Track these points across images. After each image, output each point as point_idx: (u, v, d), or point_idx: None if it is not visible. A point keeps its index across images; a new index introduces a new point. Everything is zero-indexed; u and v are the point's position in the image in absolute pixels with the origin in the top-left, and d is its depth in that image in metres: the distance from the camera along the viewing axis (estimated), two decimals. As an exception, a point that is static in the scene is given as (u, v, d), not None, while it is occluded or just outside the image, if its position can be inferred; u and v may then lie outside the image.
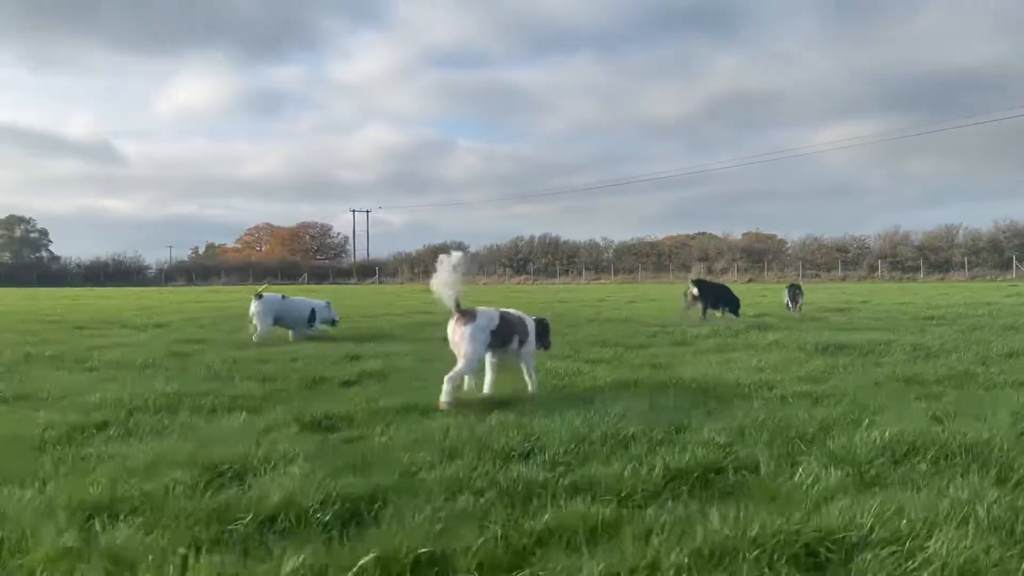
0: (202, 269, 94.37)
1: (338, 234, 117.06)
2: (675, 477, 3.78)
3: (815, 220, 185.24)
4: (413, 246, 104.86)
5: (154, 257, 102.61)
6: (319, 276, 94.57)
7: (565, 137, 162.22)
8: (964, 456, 4.13)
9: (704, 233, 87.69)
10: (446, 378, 5.83)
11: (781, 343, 10.29)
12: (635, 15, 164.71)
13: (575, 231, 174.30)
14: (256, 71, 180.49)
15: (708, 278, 16.58)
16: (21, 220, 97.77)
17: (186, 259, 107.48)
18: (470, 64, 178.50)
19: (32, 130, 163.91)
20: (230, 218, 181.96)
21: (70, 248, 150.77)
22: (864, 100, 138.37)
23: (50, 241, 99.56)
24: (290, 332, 11.53)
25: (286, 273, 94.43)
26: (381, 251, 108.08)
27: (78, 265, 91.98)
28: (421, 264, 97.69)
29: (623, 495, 3.52)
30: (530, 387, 6.40)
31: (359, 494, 3.47)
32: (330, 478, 3.65)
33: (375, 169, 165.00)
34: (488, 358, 6.42)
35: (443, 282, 6.09)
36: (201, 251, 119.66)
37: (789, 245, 78.39)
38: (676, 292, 34.36)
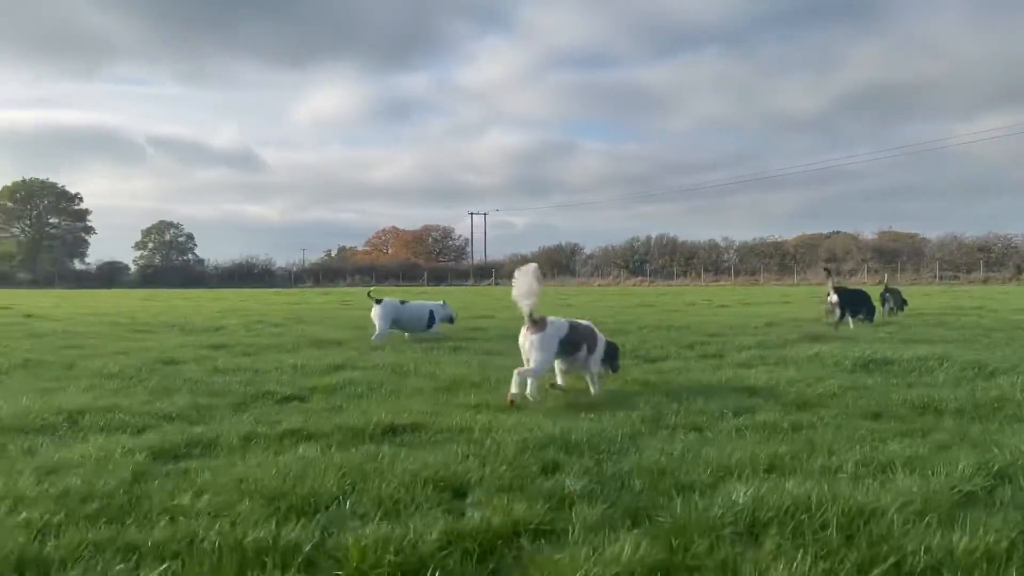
0: (328, 271, 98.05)
1: (459, 236, 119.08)
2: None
3: (957, 218, 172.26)
4: (534, 247, 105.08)
5: (289, 259, 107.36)
6: (438, 278, 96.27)
7: (692, 135, 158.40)
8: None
9: (838, 232, 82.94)
10: (516, 371, 6.29)
11: (820, 356, 9.13)
12: (765, 7, 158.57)
13: (700, 231, 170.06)
14: (386, 79, 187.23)
15: (835, 281, 15.29)
16: (170, 225, 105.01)
17: (317, 261, 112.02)
18: (594, 65, 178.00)
19: (183, 141, 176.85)
20: (362, 222, 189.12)
21: (213, 251, 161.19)
22: (1018, 89, 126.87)
23: (195, 245, 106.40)
24: (405, 334, 11.96)
25: (407, 275, 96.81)
26: (505, 252, 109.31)
27: (215, 267, 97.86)
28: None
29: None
30: (593, 391, 6.82)
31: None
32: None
33: (499, 172, 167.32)
34: (557, 364, 6.84)
35: (521, 293, 6.48)
36: (333, 253, 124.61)
37: (928, 244, 72.75)
38: (778, 295, 32.64)
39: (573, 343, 6.59)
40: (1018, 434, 4.92)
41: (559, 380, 6.89)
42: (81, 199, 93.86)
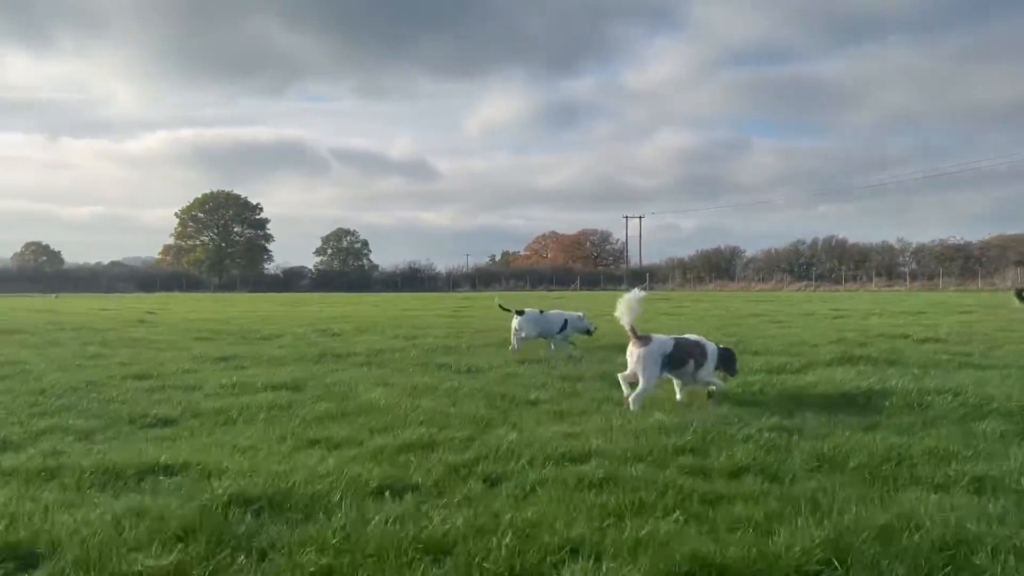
0: (485, 275, 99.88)
1: (616, 240, 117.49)
2: None
3: None
4: (693, 250, 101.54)
5: (454, 264, 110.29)
6: (591, 282, 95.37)
7: (873, 130, 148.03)
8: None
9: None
10: (631, 399, 6.83)
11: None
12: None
13: (879, 233, 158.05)
14: (554, 85, 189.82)
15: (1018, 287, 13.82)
16: (347, 232, 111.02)
17: (480, 266, 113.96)
18: (769, 60, 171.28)
19: (362, 152, 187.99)
20: (527, 227, 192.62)
21: (388, 257, 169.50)
22: None
23: (369, 251, 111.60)
24: (550, 344, 12.02)
25: (560, 279, 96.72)
26: (664, 256, 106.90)
27: (381, 272, 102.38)
28: (694, 269, 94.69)
29: None
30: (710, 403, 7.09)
31: None
32: None
33: (667, 174, 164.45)
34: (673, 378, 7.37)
35: (621, 312, 7.17)
36: (497, 258, 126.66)
37: None
38: (953, 304, 28.71)
39: (680, 358, 7.16)
40: None
41: (677, 394, 7.40)
42: (261, 209, 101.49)
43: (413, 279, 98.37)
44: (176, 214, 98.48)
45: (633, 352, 7.04)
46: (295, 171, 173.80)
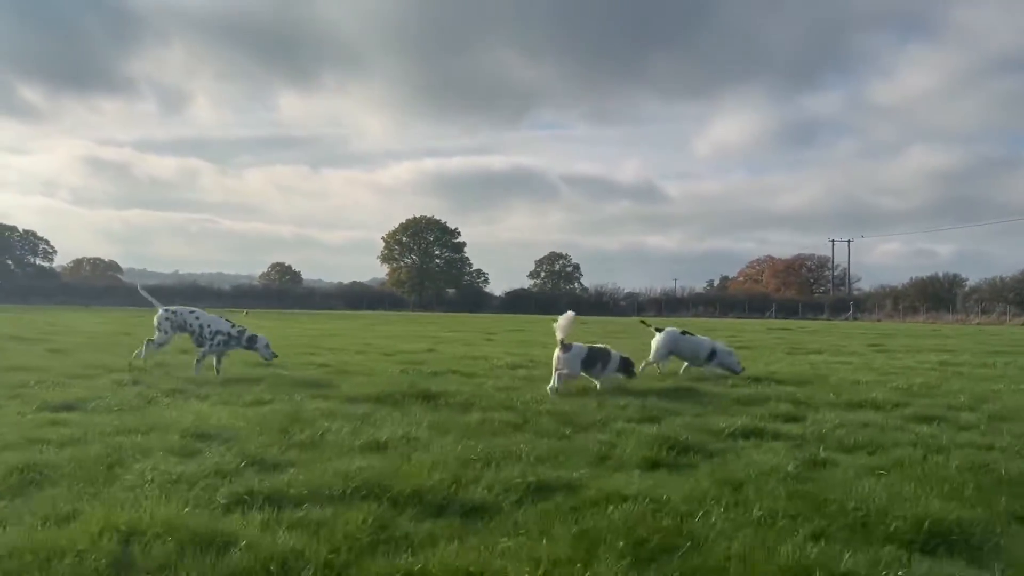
0: (672, 302, 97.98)
1: (837, 266, 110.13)
2: None
3: None
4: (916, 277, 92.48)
5: (662, 287, 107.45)
6: (788, 310, 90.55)
7: None
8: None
9: None
10: (550, 389, 9.27)
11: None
12: None
13: None
14: (792, 102, 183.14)
15: None
16: (559, 256, 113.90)
17: (700, 291, 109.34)
18: None
19: (591, 177, 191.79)
20: (760, 251, 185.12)
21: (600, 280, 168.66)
22: None
23: (581, 274, 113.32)
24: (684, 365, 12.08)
25: (753, 307, 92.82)
26: (874, 285, 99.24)
27: (570, 296, 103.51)
28: (907, 298, 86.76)
29: None
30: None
31: None
32: None
33: (919, 194, 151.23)
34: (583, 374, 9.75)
35: (557, 328, 9.60)
36: (716, 283, 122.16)
37: None
38: None
39: (591, 361, 9.75)
40: None
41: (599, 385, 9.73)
42: (459, 233, 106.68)
43: (598, 303, 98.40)
44: (383, 238, 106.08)
45: (559, 356, 9.50)
46: (528, 197, 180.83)
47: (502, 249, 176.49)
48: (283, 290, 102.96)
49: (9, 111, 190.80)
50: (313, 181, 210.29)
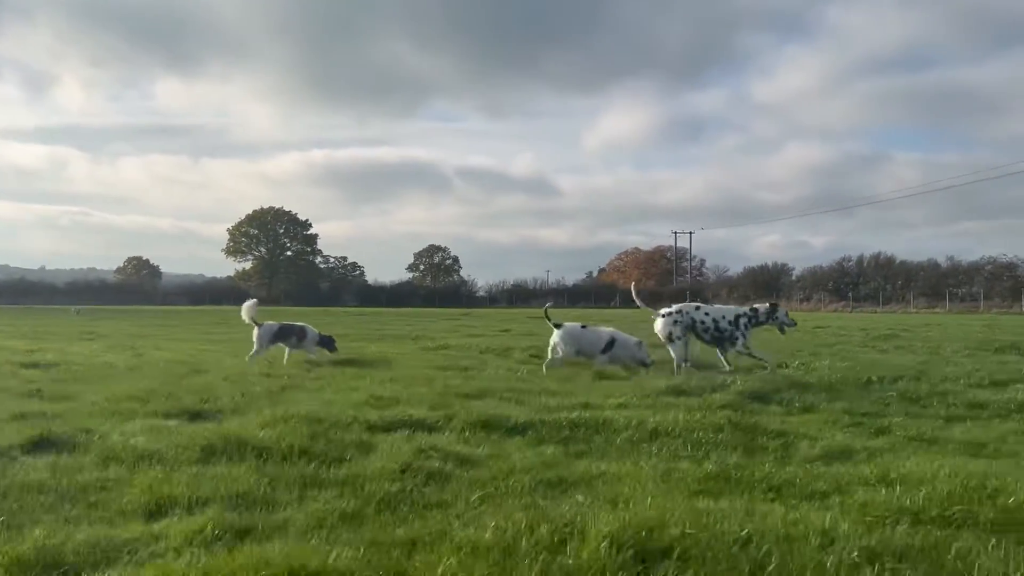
0: (522, 293, 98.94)
1: (694, 257, 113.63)
2: None
3: None
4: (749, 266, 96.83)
5: (559, 281, 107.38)
6: (631, 300, 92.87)
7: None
8: None
9: None
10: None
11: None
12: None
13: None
14: (678, 99, 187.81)
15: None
16: (438, 248, 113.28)
17: (577, 283, 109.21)
18: (911, 68, 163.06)
19: (485, 170, 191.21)
20: (648, 243, 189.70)
21: (491, 274, 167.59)
22: None
23: (460, 267, 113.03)
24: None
25: (600, 296, 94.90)
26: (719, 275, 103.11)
27: (412, 286, 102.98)
28: (740, 288, 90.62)
29: None
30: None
31: None
32: None
33: (796, 189, 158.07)
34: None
35: (243, 312, 12.37)
36: (594, 275, 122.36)
37: None
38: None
39: (285, 334, 12.11)
40: None
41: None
42: (311, 225, 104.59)
43: (454, 294, 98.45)
44: (228, 230, 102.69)
45: (256, 332, 12.03)
46: (421, 189, 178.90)
47: (395, 242, 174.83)
48: (122, 285, 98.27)
49: None
50: (194, 172, 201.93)
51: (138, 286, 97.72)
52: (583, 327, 11.41)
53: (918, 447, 5.84)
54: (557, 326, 11.29)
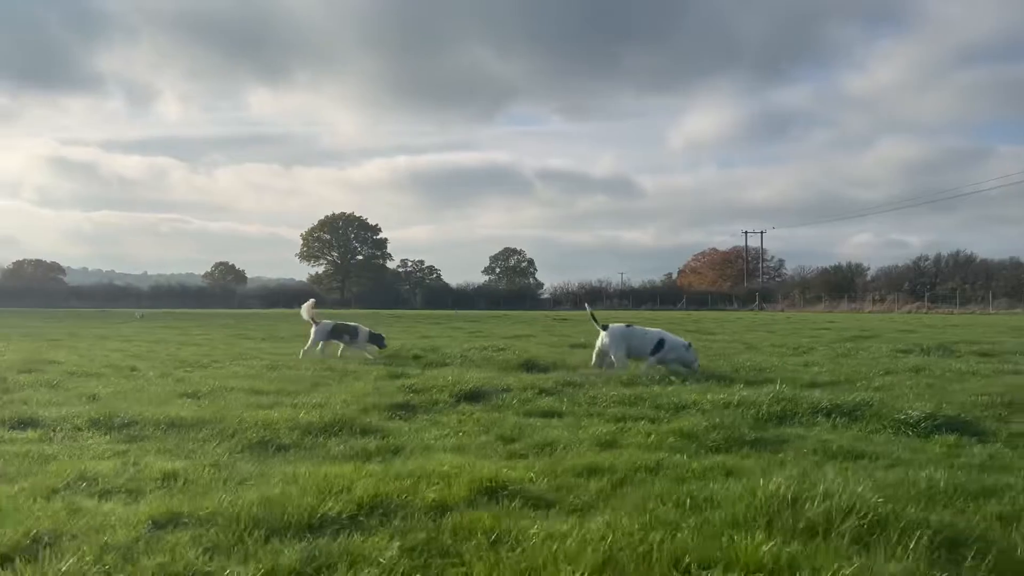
0: (587, 295, 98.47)
1: (772, 257, 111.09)
2: None
3: None
4: (820, 267, 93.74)
5: (637, 281, 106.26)
6: (698, 302, 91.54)
7: None
8: None
9: None
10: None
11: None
12: None
13: None
14: (764, 94, 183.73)
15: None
16: (513, 252, 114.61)
17: (644, 285, 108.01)
18: (1013, 57, 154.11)
19: (565, 172, 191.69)
20: (731, 243, 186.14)
21: (565, 276, 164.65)
22: None
23: (535, 270, 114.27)
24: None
25: (667, 298, 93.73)
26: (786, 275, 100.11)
27: (477, 289, 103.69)
28: (812, 289, 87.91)
29: None
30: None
31: None
32: None
33: (888, 186, 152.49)
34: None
35: (303, 312, 13.67)
36: (673, 277, 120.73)
37: None
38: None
39: (339, 333, 13.12)
40: None
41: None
42: (380, 229, 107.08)
43: (518, 297, 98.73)
44: (301, 235, 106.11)
45: (313, 329, 13.11)
46: (502, 193, 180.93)
47: (476, 245, 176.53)
48: (204, 290, 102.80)
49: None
50: (285, 179, 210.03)
51: (220, 290, 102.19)
52: (628, 327, 11.01)
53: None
54: (604, 328, 10.95)
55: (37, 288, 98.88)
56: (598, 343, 10.93)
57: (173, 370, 11.01)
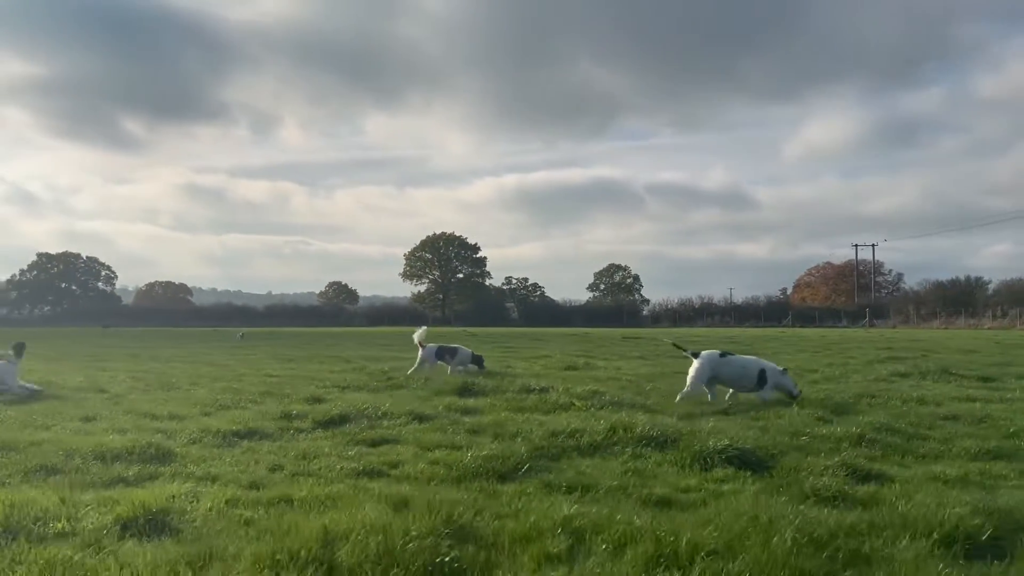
0: (687, 312, 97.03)
1: (890, 271, 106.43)
2: None
3: None
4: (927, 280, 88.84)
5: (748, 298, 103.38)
6: (806, 319, 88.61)
7: None
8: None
9: None
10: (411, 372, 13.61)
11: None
12: None
13: None
14: (887, 101, 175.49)
15: None
16: (618, 268, 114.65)
17: (747, 300, 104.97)
18: None
19: (676, 186, 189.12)
20: (844, 256, 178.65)
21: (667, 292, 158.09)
22: None
23: (641, 286, 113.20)
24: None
25: (771, 315, 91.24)
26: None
27: (575, 306, 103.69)
28: (927, 305, 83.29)
29: None
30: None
31: None
32: None
33: None
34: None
35: (416, 336, 14.42)
36: (788, 292, 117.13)
37: None
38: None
39: (441, 354, 13.99)
40: None
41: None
42: (479, 248, 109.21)
43: (616, 313, 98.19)
44: (404, 255, 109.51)
45: (420, 353, 14.04)
46: (611, 208, 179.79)
47: (585, 261, 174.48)
48: (315, 309, 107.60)
49: (113, 143, 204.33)
50: (399, 200, 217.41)
51: (331, 308, 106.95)
52: (722, 355, 10.13)
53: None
54: (695, 355, 10.15)
55: (164, 308, 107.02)
56: (691, 372, 10.05)
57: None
